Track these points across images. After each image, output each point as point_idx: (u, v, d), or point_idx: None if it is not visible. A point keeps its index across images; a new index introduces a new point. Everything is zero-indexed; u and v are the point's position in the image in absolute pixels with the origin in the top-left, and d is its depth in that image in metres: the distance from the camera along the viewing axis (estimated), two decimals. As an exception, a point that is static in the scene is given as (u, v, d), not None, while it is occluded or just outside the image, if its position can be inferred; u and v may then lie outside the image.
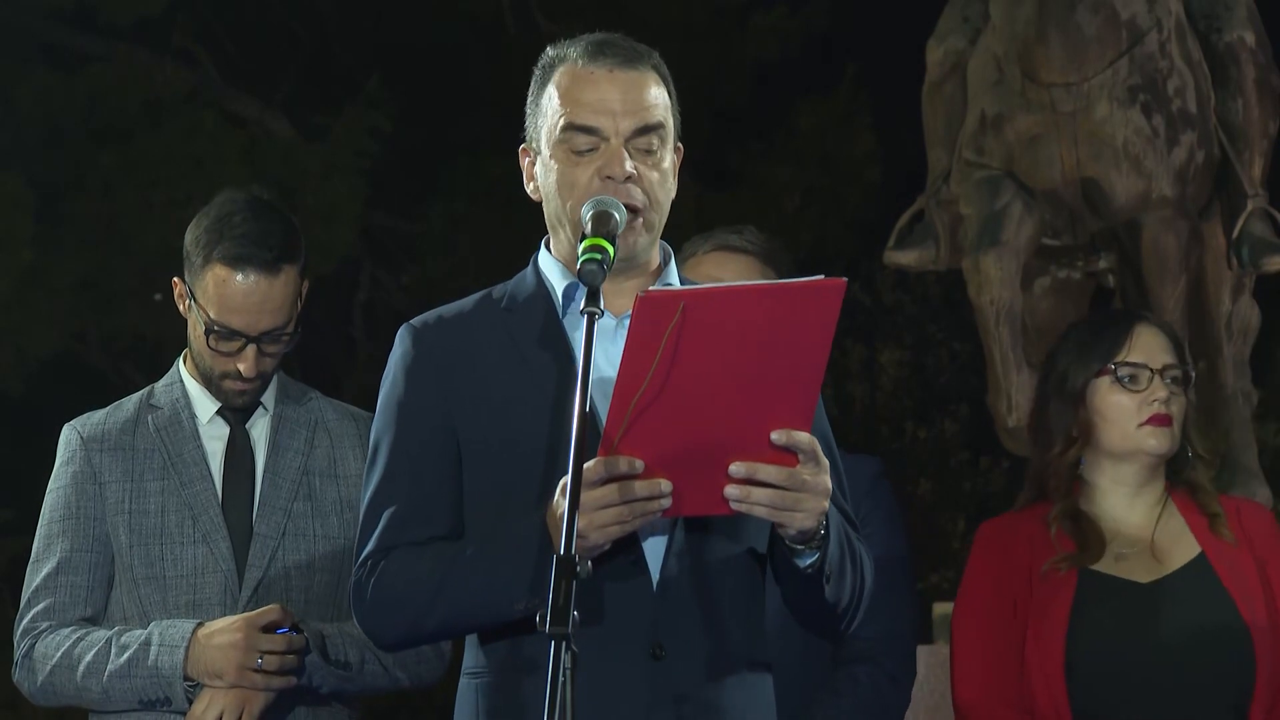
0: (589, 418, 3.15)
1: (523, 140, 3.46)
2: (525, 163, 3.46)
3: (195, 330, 4.16)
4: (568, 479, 3.07)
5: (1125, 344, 4.13)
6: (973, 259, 6.89)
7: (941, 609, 7.38)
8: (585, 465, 3.08)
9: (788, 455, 3.15)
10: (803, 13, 13.69)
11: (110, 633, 4.05)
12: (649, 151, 3.36)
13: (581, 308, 3.19)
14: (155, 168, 12.21)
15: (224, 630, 3.99)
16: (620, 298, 3.36)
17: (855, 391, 16.45)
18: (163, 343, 12.72)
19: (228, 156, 12.05)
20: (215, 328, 4.10)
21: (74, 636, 4.06)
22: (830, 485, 3.20)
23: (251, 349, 4.11)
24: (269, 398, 4.22)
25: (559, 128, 3.35)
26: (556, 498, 3.17)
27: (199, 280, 4.11)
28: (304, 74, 13.55)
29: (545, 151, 3.39)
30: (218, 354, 4.13)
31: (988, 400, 7.00)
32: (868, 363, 16.60)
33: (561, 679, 2.96)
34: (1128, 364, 4.11)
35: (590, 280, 3.21)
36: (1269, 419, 14.54)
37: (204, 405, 4.20)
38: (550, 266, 3.45)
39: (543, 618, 3.01)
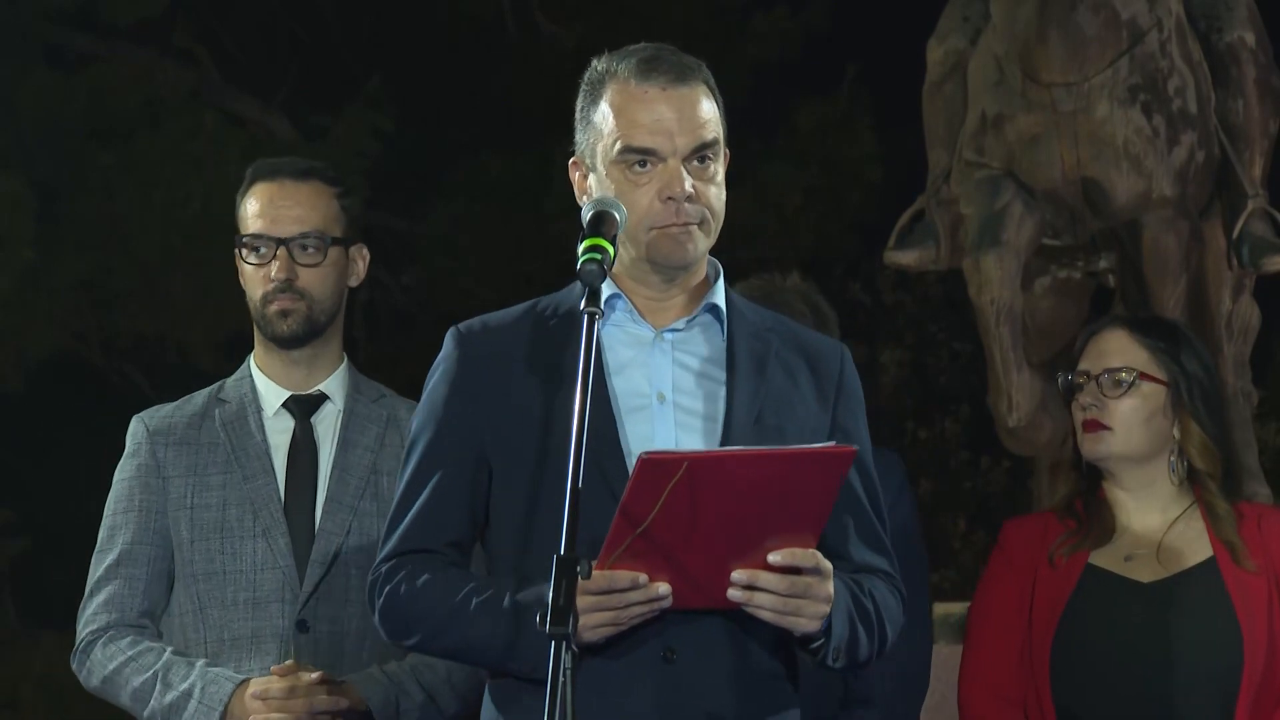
0: (608, 423, 3.26)
1: (572, 153, 3.47)
2: (576, 176, 3.46)
3: (242, 271, 4.17)
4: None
5: (1082, 353, 4.16)
6: (973, 259, 6.89)
7: (942, 609, 7.37)
8: (584, 581, 3.09)
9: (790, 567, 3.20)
10: (803, 13, 13.66)
11: (159, 664, 4.01)
12: (704, 167, 3.41)
13: (581, 307, 3.20)
14: (155, 168, 12.19)
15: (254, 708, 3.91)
16: (666, 311, 3.42)
17: (855, 391, 16.40)
18: (163, 343, 12.71)
19: (228, 156, 12.01)
20: (245, 240, 4.14)
21: (127, 654, 4.03)
22: (832, 591, 3.23)
23: (283, 252, 4.11)
24: (337, 392, 4.20)
25: (615, 149, 3.36)
26: None
27: (241, 217, 4.16)
28: (304, 74, 13.53)
29: (600, 169, 3.40)
30: (256, 270, 4.13)
31: (988, 400, 7.00)
32: (868, 362, 16.58)
33: (562, 679, 2.97)
34: (1075, 372, 4.14)
35: (590, 280, 3.21)
36: (1269, 419, 14.53)
37: (270, 399, 4.17)
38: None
39: (543, 618, 3.01)
